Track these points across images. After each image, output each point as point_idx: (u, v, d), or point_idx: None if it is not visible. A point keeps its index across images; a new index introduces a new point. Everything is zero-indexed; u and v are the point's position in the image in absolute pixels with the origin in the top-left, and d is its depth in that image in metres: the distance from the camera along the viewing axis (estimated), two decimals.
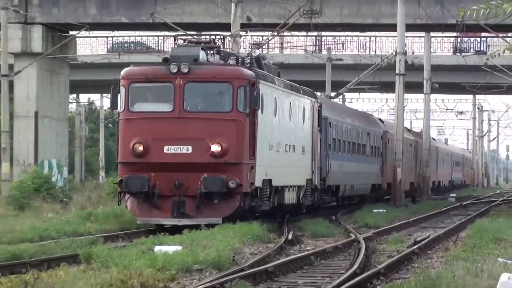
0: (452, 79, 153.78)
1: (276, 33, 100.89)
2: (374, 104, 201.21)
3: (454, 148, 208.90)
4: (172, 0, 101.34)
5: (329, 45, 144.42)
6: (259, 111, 49.60)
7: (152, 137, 46.23)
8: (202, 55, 49.15)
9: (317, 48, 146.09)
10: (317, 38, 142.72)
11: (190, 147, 46.12)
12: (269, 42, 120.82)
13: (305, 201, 60.78)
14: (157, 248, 40.41)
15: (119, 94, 48.32)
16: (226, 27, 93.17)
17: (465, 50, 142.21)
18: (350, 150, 79.33)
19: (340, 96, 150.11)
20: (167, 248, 40.84)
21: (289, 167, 56.16)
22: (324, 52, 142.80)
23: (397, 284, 30.76)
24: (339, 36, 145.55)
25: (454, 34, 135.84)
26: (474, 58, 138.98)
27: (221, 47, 53.53)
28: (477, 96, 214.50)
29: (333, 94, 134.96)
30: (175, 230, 51.84)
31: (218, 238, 48.22)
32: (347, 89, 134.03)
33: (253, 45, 61.56)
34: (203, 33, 59.67)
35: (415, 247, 48.24)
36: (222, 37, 53.40)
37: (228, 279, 30.65)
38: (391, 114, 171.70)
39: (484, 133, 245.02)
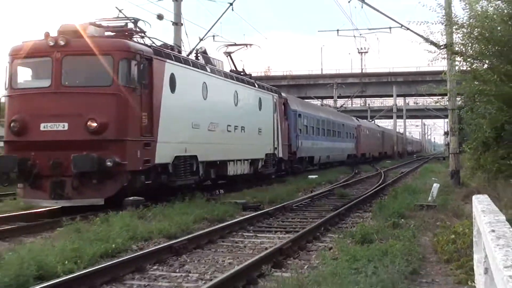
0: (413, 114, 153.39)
1: (350, 99, 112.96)
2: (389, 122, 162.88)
3: (412, 137, 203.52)
4: (308, 88, 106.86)
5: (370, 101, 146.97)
6: (168, 90, 30.35)
7: (30, 114, 27.79)
8: (92, 30, 28.90)
9: (366, 103, 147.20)
10: (364, 98, 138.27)
11: (66, 124, 27.33)
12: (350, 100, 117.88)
13: (265, 170, 42.28)
14: (309, 177, 47.45)
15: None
16: (332, 97, 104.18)
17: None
18: (324, 133, 62.94)
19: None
20: (312, 176, 47.78)
21: (235, 144, 37.83)
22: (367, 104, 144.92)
23: (396, 188, 36.35)
24: (374, 98, 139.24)
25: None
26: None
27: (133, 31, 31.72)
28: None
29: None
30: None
31: (331, 172, 54.90)
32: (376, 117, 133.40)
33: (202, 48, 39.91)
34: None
35: (401, 174, 55.90)
36: (134, 20, 32.20)
37: (334, 187, 38.43)
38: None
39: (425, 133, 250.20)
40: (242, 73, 43.59)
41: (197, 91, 32.29)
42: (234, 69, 43.81)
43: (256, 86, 42.63)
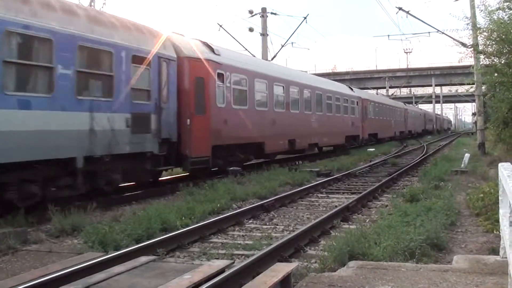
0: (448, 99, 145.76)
1: (399, 89, 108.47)
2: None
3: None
4: (366, 81, 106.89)
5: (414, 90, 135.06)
6: None
7: None
8: None
9: (411, 91, 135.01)
10: (409, 87, 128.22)
11: None
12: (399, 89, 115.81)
13: None
14: (368, 149, 44.50)
15: None
16: (385, 88, 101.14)
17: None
18: None
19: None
20: (370, 149, 44.63)
21: None
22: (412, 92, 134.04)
23: (436, 158, 36.03)
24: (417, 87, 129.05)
25: None
26: None
27: None
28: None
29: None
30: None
31: (386, 146, 51.40)
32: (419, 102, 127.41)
33: None
34: None
35: (440, 146, 53.20)
36: None
37: (388, 157, 37.26)
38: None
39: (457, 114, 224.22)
40: None
41: None
42: None
43: None
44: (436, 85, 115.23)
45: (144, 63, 18.66)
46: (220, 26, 41.57)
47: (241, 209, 15.62)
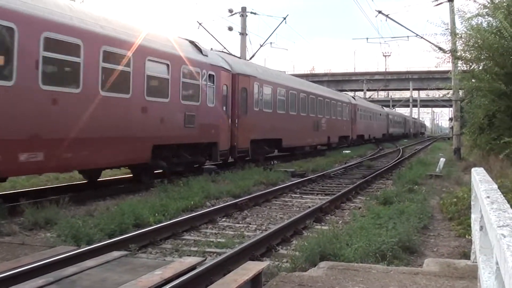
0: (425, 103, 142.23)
1: (377, 92, 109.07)
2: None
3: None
4: (344, 83, 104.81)
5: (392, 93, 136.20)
6: None
7: None
8: None
9: (388, 95, 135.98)
10: (387, 91, 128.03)
11: None
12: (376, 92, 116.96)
13: None
14: (344, 151, 44.59)
15: None
16: (362, 90, 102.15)
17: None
18: None
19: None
20: (346, 151, 44.66)
21: None
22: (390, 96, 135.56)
23: (411, 161, 36.05)
24: (395, 91, 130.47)
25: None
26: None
27: None
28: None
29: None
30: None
31: (362, 149, 51.65)
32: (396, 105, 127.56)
33: None
34: None
35: (416, 151, 53.24)
36: None
37: (364, 160, 37.16)
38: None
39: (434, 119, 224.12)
40: None
41: None
42: None
43: None
44: (413, 89, 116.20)
45: None
46: (200, 24, 41.46)
47: (214, 207, 15.68)
